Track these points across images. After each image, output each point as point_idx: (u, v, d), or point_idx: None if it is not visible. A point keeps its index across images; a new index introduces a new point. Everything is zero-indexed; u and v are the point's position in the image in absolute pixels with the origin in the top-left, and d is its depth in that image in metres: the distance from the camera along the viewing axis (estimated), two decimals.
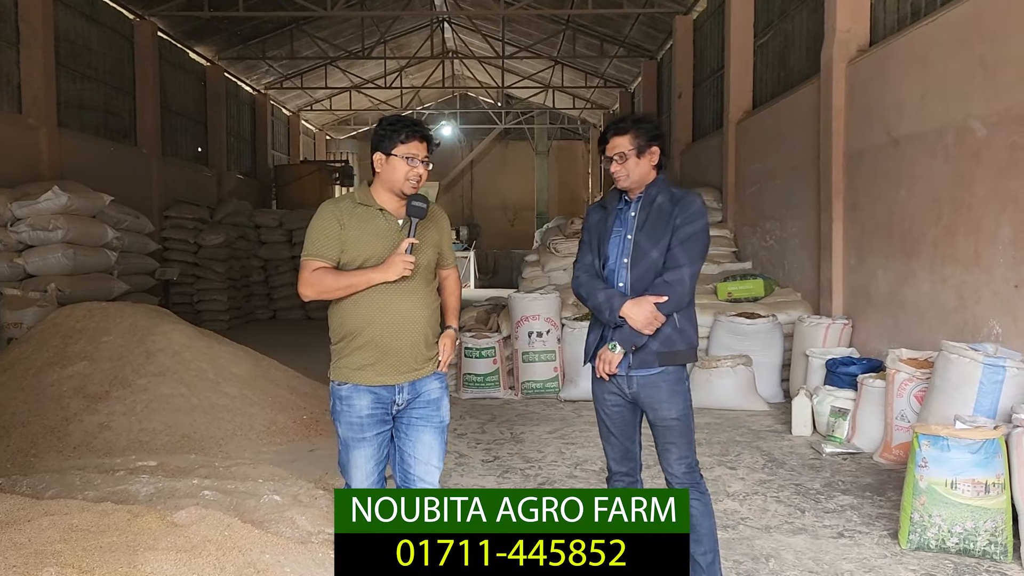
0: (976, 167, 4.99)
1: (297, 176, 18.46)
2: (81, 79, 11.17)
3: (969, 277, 5.08)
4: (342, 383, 2.90)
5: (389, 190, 2.88)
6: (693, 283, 2.90)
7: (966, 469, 3.60)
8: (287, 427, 5.84)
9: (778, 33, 9.16)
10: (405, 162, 2.83)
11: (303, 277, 2.84)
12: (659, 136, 3.01)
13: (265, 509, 4.05)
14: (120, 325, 6.08)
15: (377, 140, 2.87)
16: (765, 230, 8.83)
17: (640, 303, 2.86)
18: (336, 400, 2.93)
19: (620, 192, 3.08)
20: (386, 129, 2.86)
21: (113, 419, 5.46)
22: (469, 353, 7.38)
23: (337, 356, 2.92)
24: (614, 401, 3.04)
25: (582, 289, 3.05)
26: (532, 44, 17.73)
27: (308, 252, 2.84)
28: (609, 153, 3.00)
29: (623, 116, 3.08)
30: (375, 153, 2.87)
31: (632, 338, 2.89)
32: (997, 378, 4.31)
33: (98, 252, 8.82)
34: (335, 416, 2.95)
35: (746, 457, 5.30)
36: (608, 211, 3.10)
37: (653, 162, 3.00)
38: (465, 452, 5.47)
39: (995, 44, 4.79)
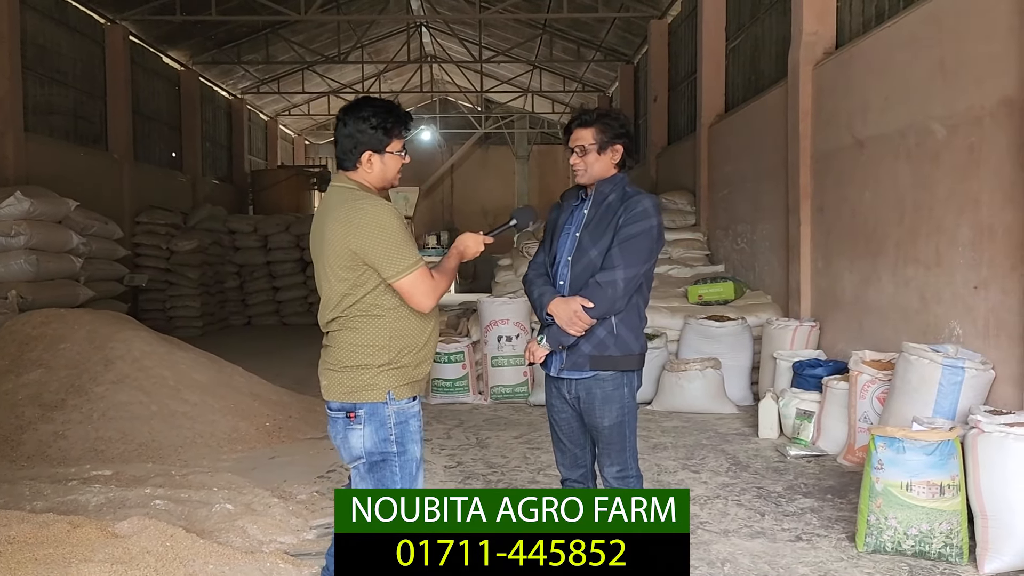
0: (936, 168, 4.99)
1: (274, 181, 18.34)
2: (50, 83, 11.02)
3: (931, 278, 5.07)
4: (412, 399, 2.62)
5: (380, 187, 2.68)
6: (629, 287, 2.80)
7: (921, 471, 3.57)
8: (249, 434, 5.76)
9: (749, 36, 9.18)
10: (400, 157, 2.68)
11: (427, 288, 2.50)
12: (624, 134, 2.93)
13: (216, 518, 3.98)
14: (78, 332, 5.98)
15: (365, 137, 2.58)
16: (737, 233, 8.83)
17: (567, 302, 2.81)
18: (409, 421, 2.59)
19: (579, 188, 3.04)
20: (377, 126, 2.57)
21: (69, 428, 5.36)
22: (438, 358, 7.30)
23: (398, 369, 2.56)
24: (560, 407, 2.99)
25: (526, 285, 3.02)
26: (510, 48, 17.72)
27: (413, 260, 2.49)
28: (571, 144, 2.94)
29: (590, 109, 3.01)
30: (364, 152, 2.59)
31: (559, 336, 2.84)
32: (956, 379, 4.30)
33: (62, 258, 8.68)
34: (407, 439, 2.58)
35: (711, 460, 5.27)
36: (563, 209, 3.06)
37: (614, 160, 2.94)
38: (428, 458, 5.40)
39: (954, 46, 4.80)
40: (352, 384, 2.56)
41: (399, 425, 2.57)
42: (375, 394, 2.55)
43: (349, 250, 2.50)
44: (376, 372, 2.54)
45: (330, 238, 2.55)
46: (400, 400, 2.58)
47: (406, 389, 2.60)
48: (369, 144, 2.59)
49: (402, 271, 2.49)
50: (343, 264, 2.53)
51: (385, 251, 2.48)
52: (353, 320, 2.56)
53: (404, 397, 2.59)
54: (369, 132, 2.57)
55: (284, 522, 4.00)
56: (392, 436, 2.57)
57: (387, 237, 2.49)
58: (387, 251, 2.48)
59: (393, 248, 2.48)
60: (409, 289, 2.50)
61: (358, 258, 2.50)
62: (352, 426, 2.57)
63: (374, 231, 2.48)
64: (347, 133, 2.60)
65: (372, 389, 2.55)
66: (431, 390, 7.31)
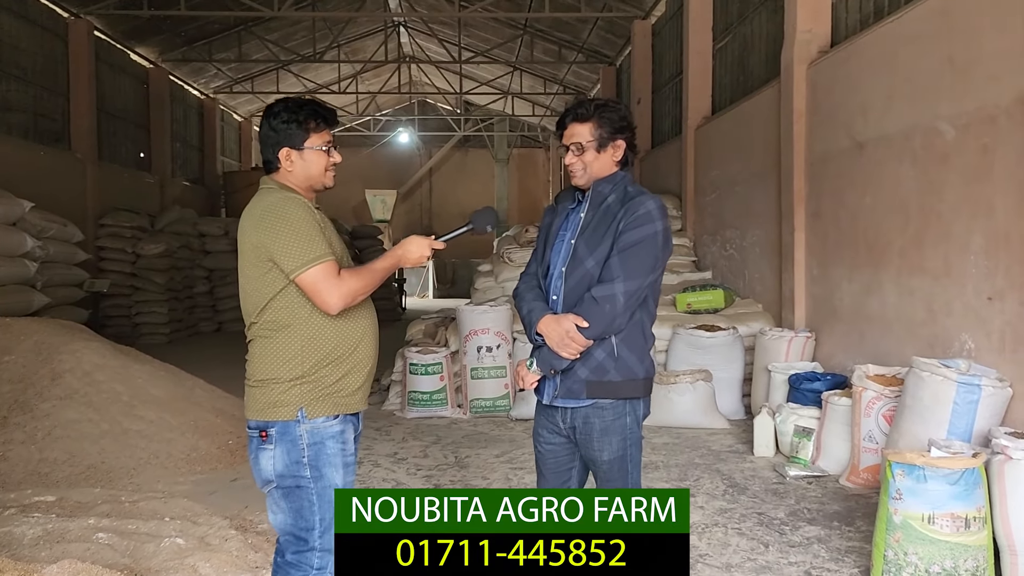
0: (945, 172, 4.69)
1: (248, 183, 17.79)
2: (7, 79, 10.52)
3: (939, 288, 4.78)
4: (332, 417, 2.35)
5: (307, 187, 2.44)
6: (630, 302, 2.43)
7: (945, 502, 3.25)
8: (209, 454, 5.34)
9: (737, 36, 8.90)
10: (323, 153, 2.42)
11: (330, 285, 2.25)
12: (626, 128, 2.58)
13: (164, 555, 3.57)
14: (24, 343, 5.53)
15: (279, 134, 2.39)
16: (725, 239, 8.53)
17: (560, 320, 2.44)
18: (326, 442, 2.34)
19: (575, 190, 2.68)
20: (289, 120, 2.39)
21: (10, 448, 4.92)
22: (414, 370, 6.93)
23: (315, 385, 2.32)
24: (548, 438, 2.62)
25: (515, 300, 2.66)
26: (489, 49, 17.39)
27: (317, 254, 2.25)
28: (566, 141, 2.57)
29: (586, 100, 2.62)
30: (280, 149, 2.40)
31: (550, 360, 2.47)
32: (972, 398, 4.00)
33: (15, 262, 8.19)
34: (323, 463, 2.33)
35: (706, 482, 4.94)
36: (558, 213, 2.70)
37: (616, 157, 2.59)
38: (403, 480, 5.03)
39: (965, 41, 4.51)
40: (265, 400, 2.34)
41: (313, 447, 2.34)
42: (285, 411, 2.32)
43: (253, 244, 2.33)
44: (287, 387, 2.32)
45: (240, 237, 2.38)
46: (316, 418, 2.33)
47: (323, 406, 2.34)
48: (286, 141, 2.40)
49: (302, 265, 2.26)
50: (250, 260, 2.35)
51: (285, 243, 2.27)
52: (264, 328, 2.36)
53: (321, 415, 2.34)
54: (281, 127, 2.40)
55: (241, 558, 3.61)
56: (304, 459, 2.33)
57: (289, 229, 2.27)
58: (287, 243, 2.27)
59: (294, 240, 2.27)
60: (311, 285, 2.27)
61: (262, 252, 2.31)
62: (264, 446, 2.35)
63: (274, 222, 2.29)
64: (264, 133, 2.44)
65: (282, 406, 2.32)
66: (407, 403, 6.92)
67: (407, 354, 7.04)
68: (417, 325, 7.95)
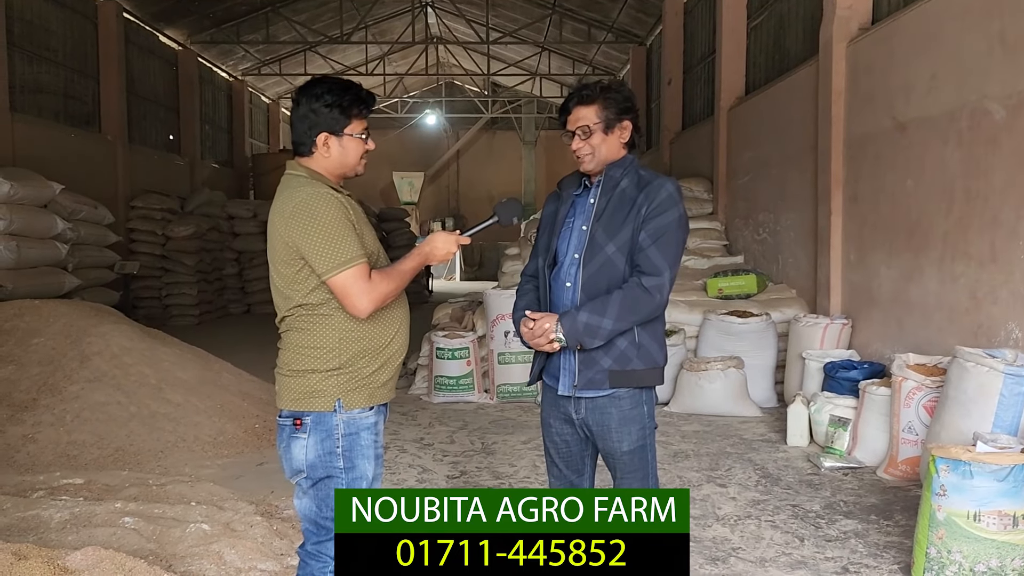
0: (993, 154, 4.50)
1: (276, 165, 17.83)
2: (38, 61, 10.57)
3: (984, 275, 4.60)
4: (367, 408, 2.31)
5: (339, 175, 2.36)
6: (671, 290, 2.43)
7: (992, 499, 3.12)
8: (236, 437, 5.33)
9: (773, 14, 8.66)
10: (361, 141, 2.34)
11: (360, 289, 2.19)
12: (631, 108, 2.52)
13: (190, 540, 3.55)
14: (53, 325, 5.55)
15: (319, 117, 2.28)
16: (758, 222, 8.34)
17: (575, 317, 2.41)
18: (361, 433, 2.30)
19: (581, 176, 2.59)
20: (332, 104, 2.28)
21: (39, 430, 4.94)
22: (441, 354, 6.87)
23: (352, 376, 2.28)
24: (560, 429, 2.57)
25: (513, 312, 2.67)
26: (517, 29, 17.18)
27: (349, 256, 2.17)
28: (571, 127, 2.50)
29: (589, 83, 2.56)
30: (319, 133, 2.29)
31: (578, 336, 2.42)
32: (1019, 390, 3.84)
33: (46, 244, 8.24)
34: (356, 454, 2.30)
35: (738, 472, 4.82)
36: (563, 200, 2.61)
37: (623, 139, 2.52)
38: (430, 466, 4.98)
39: (1016, 16, 4.30)
40: (300, 390, 2.29)
41: (348, 437, 2.30)
42: (322, 402, 2.28)
43: (284, 242, 2.25)
44: (324, 377, 2.28)
45: (271, 231, 2.30)
46: (352, 409, 2.29)
47: (360, 397, 2.30)
48: (325, 125, 2.30)
49: (334, 268, 2.19)
50: (282, 258, 2.27)
51: (317, 244, 2.19)
52: (300, 320, 2.30)
53: (357, 407, 2.30)
54: (324, 111, 2.29)
55: (267, 545, 3.57)
56: (339, 449, 2.30)
57: (320, 228, 2.19)
58: (319, 244, 2.19)
59: (325, 241, 2.19)
60: (341, 289, 2.21)
61: (293, 251, 2.24)
62: (296, 435, 2.30)
63: (306, 222, 2.20)
64: (301, 114, 2.32)
65: (319, 396, 2.27)
66: (433, 388, 6.87)
67: (434, 338, 6.99)
68: (444, 309, 7.89)
